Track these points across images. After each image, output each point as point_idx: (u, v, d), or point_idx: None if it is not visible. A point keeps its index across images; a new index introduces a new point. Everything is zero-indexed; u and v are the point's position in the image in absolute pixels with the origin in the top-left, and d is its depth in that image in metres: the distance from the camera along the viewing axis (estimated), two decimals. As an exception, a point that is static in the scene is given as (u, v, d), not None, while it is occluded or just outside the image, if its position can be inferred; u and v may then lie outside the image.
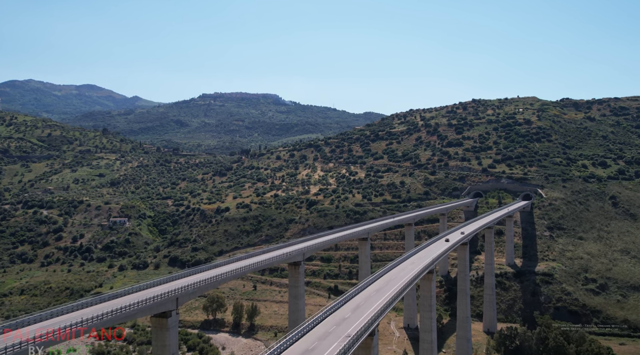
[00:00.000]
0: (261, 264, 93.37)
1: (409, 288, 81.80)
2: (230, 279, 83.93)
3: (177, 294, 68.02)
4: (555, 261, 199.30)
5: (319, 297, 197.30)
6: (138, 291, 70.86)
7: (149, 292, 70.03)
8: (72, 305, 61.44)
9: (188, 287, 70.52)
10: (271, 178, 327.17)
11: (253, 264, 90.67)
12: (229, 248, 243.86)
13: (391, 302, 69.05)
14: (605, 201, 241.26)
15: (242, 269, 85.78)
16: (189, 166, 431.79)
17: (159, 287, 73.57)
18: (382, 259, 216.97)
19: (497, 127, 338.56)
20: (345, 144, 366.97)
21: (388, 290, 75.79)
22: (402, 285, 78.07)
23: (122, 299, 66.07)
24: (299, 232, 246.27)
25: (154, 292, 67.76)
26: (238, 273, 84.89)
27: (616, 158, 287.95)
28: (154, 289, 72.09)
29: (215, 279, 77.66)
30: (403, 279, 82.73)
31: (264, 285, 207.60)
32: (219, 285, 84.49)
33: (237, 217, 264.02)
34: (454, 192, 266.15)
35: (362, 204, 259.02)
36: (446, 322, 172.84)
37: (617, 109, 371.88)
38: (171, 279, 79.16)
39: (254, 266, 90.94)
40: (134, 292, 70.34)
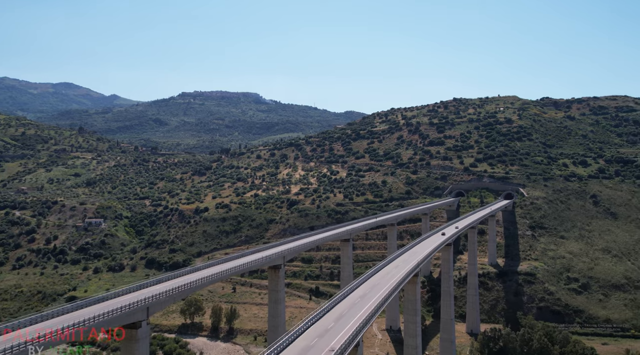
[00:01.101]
0: (239, 268, 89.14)
1: (395, 294, 78.39)
2: (205, 285, 79.70)
3: (147, 303, 63.60)
4: (537, 261, 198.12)
5: (300, 298, 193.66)
6: (105, 301, 66.17)
7: (117, 301, 65.46)
8: (30, 318, 56.70)
9: (160, 295, 66.13)
10: (251, 177, 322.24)
11: (230, 269, 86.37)
12: (208, 249, 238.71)
13: (376, 310, 65.50)
14: (586, 200, 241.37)
15: (218, 275, 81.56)
16: (168, 165, 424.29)
17: (129, 295, 69.02)
18: (364, 259, 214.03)
19: (478, 126, 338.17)
20: (326, 143, 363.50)
21: (373, 297, 72.24)
22: (387, 291, 74.56)
23: (87, 310, 61.47)
24: (280, 232, 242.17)
25: (123, 301, 63.29)
26: (214, 279, 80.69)
27: (596, 157, 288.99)
28: (123, 298, 67.54)
29: (190, 285, 73.35)
30: (388, 284, 79.28)
31: (243, 287, 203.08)
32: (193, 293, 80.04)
33: (217, 217, 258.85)
34: (436, 191, 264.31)
35: (343, 204, 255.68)
36: (429, 324, 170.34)
37: (596, 108, 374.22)
38: (143, 286, 74.62)
39: (231, 271, 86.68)
40: (101, 301, 65.66)
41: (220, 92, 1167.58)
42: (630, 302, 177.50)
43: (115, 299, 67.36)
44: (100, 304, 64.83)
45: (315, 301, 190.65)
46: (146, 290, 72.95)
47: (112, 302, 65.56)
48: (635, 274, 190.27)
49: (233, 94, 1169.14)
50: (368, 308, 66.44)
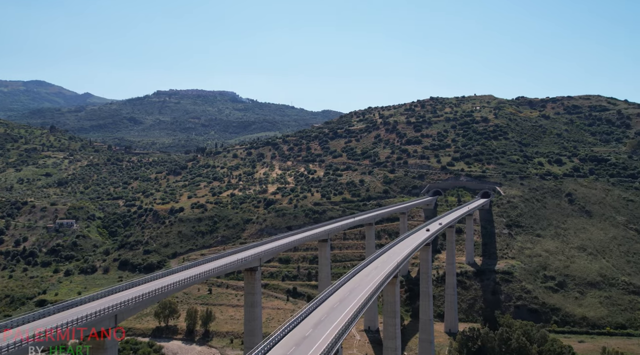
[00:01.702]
0: (213, 271, 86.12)
1: (374, 297, 76.38)
2: (177, 290, 76.70)
3: (115, 310, 60.41)
4: (514, 259, 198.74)
5: (277, 299, 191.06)
6: (71, 308, 62.69)
7: (84, 308, 62.08)
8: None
9: (129, 301, 62.95)
10: (228, 177, 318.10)
11: (203, 273, 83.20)
12: (183, 250, 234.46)
13: (355, 315, 63.29)
14: (562, 198, 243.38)
15: (190, 279, 78.46)
16: (142, 165, 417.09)
17: (97, 301, 65.67)
18: (342, 259, 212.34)
19: (455, 125, 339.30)
20: (303, 142, 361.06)
21: (352, 301, 70.07)
22: (367, 295, 72.45)
23: (50, 318, 58.04)
24: (257, 232, 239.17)
25: (90, 309, 59.97)
26: (186, 283, 77.60)
27: (571, 156, 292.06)
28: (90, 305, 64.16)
29: (161, 291, 70.26)
30: (367, 287, 77.27)
31: (219, 288, 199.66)
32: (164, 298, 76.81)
33: (192, 217, 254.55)
34: (414, 190, 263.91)
35: (321, 203, 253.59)
36: (407, 323, 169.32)
37: (571, 108, 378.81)
38: (113, 291, 71.23)
39: (205, 275, 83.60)
40: (66, 308, 62.19)
41: (196, 91, 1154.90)
42: (606, 300, 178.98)
43: (82, 306, 63.96)
44: (65, 311, 61.36)
45: (293, 302, 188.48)
46: (116, 295, 69.66)
47: (78, 309, 62.14)
48: (610, 272, 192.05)
49: (209, 93, 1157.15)
50: (347, 313, 64.22)
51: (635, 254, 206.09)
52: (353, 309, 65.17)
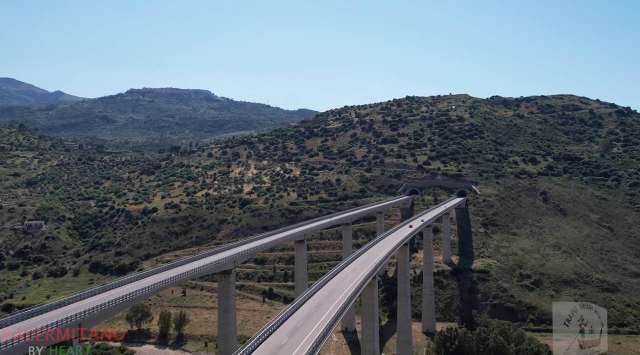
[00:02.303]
0: (183, 276, 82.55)
1: (352, 302, 74.08)
2: (145, 296, 73.34)
3: (80, 319, 56.98)
4: (490, 258, 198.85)
5: (253, 301, 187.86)
6: (33, 317, 59.02)
7: (46, 317, 58.50)
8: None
9: (94, 310, 59.54)
10: (202, 176, 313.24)
11: (172, 278, 79.50)
12: (156, 251, 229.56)
13: (333, 322, 60.86)
14: (537, 197, 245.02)
15: (160, 285, 74.89)
16: (115, 164, 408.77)
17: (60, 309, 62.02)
18: (318, 259, 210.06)
19: (431, 123, 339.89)
20: (279, 141, 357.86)
21: (329, 306, 67.67)
22: (345, 299, 70.07)
23: (8, 329, 54.30)
24: (232, 233, 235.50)
25: (52, 318, 56.46)
26: (156, 289, 74.08)
27: (545, 154, 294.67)
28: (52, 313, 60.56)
29: (128, 298, 66.64)
30: (345, 290, 75.03)
31: (194, 290, 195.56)
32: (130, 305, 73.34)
33: (166, 218, 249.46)
34: (390, 189, 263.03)
35: (297, 203, 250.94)
36: (385, 324, 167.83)
37: (544, 107, 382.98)
38: (78, 298, 67.52)
39: (175, 280, 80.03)
40: (27, 318, 58.47)
41: (170, 89, 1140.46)
42: (580, 298, 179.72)
43: (42, 315, 60.26)
44: (22, 322, 57.62)
45: (269, 303, 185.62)
46: (82, 302, 66.05)
47: (38, 318, 58.48)
48: (585, 270, 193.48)
49: (184, 91, 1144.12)
50: (324, 320, 61.74)
51: (609, 252, 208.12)
52: (330, 315, 62.74)
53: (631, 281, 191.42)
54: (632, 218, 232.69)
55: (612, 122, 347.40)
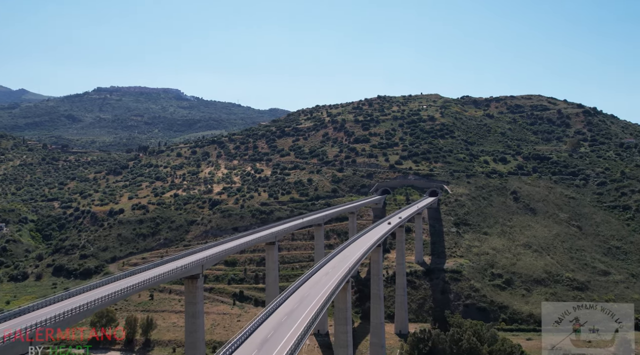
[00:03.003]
0: (148, 282, 78.28)
1: (326, 308, 71.15)
2: (102, 306, 68.95)
3: (30, 332, 52.72)
4: (462, 258, 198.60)
5: (223, 304, 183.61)
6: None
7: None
8: None
9: (46, 322, 55.28)
10: (171, 176, 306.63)
11: (136, 285, 75.05)
12: (123, 254, 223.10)
13: (306, 331, 57.73)
14: (507, 196, 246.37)
15: (121, 293, 70.58)
16: (80, 164, 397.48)
17: (10, 321, 57.50)
18: (290, 261, 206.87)
19: (402, 123, 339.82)
20: (250, 141, 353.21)
21: (301, 314, 64.61)
22: (318, 306, 67.00)
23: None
24: (202, 234, 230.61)
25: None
26: (115, 298, 69.76)
27: (515, 154, 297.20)
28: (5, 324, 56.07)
29: (87, 306, 62.55)
30: (318, 296, 72.11)
31: (162, 293, 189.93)
32: (89, 315, 68.93)
33: (133, 219, 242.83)
34: (362, 189, 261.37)
35: (268, 203, 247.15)
36: (357, 326, 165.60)
37: (513, 107, 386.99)
38: (26, 310, 62.78)
39: (139, 287, 75.69)
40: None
41: (139, 88, 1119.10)
42: (551, 296, 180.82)
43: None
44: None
45: (240, 306, 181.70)
46: (29, 315, 61.31)
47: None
48: (555, 268, 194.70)
49: (153, 90, 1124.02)
50: (296, 329, 58.58)
51: (578, 251, 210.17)
52: (302, 324, 59.61)
53: (600, 279, 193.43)
54: (599, 217, 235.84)
55: (579, 122, 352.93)
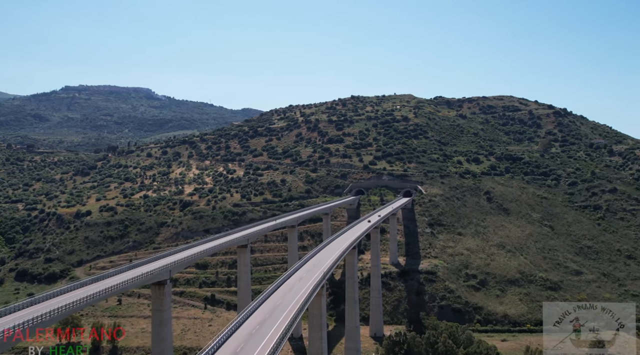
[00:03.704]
0: (111, 290, 73.26)
1: (300, 316, 67.84)
2: (62, 316, 64.44)
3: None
4: (437, 258, 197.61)
5: (194, 308, 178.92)
6: None
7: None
8: None
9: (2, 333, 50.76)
10: (141, 177, 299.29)
11: (98, 294, 70.21)
12: (90, 257, 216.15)
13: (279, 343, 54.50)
14: (481, 196, 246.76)
15: (80, 302, 66.07)
16: (47, 165, 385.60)
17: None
18: (263, 263, 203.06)
19: (376, 123, 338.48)
20: (222, 141, 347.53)
21: (274, 324, 61.21)
22: (291, 316, 63.69)
23: None
24: (172, 236, 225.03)
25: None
26: (73, 308, 65.23)
27: (488, 154, 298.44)
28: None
29: (43, 318, 58.04)
30: (292, 303, 68.76)
31: (130, 298, 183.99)
32: (45, 327, 64.29)
33: (100, 221, 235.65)
34: (336, 189, 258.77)
35: (241, 204, 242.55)
36: (332, 329, 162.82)
37: (486, 108, 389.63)
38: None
39: (100, 295, 71.02)
40: None
41: (108, 87, 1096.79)
42: (525, 297, 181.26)
43: None
44: None
45: (211, 310, 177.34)
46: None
47: None
48: (528, 269, 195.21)
49: (123, 89, 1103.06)
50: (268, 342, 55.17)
51: (550, 251, 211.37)
52: (275, 336, 56.21)
53: (572, 279, 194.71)
54: (571, 216, 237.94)
55: (550, 123, 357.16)
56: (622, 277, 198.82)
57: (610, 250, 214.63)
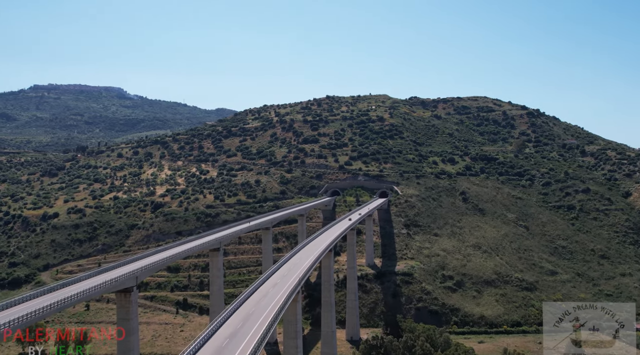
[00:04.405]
0: (67, 301, 67.62)
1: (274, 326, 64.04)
2: (19, 327, 59.65)
3: None
4: (413, 259, 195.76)
5: (166, 313, 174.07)
6: None
7: None
8: None
9: None
10: (111, 178, 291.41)
11: (52, 305, 64.56)
12: (57, 261, 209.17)
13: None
14: (456, 197, 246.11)
15: (32, 315, 60.93)
16: (13, 165, 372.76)
17: None
18: (237, 266, 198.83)
19: (352, 123, 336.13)
20: (195, 141, 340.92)
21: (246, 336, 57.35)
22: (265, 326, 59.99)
23: None
24: (143, 239, 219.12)
25: None
26: (33, 319, 60.52)
27: (463, 155, 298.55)
28: None
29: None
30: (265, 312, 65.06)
31: (99, 303, 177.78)
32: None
33: (68, 224, 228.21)
34: (312, 190, 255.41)
35: (214, 206, 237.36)
36: (307, 333, 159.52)
37: (460, 108, 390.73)
38: None
39: (55, 307, 65.47)
40: None
41: (79, 86, 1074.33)
42: (501, 297, 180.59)
43: None
44: None
45: (183, 315, 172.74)
46: None
47: None
48: (504, 269, 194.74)
49: (94, 88, 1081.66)
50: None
51: (526, 251, 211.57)
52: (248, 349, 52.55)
53: (547, 279, 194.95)
54: (545, 217, 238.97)
55: (523, 124, 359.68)
56: (596, 277, 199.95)
57: (584, 250, 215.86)
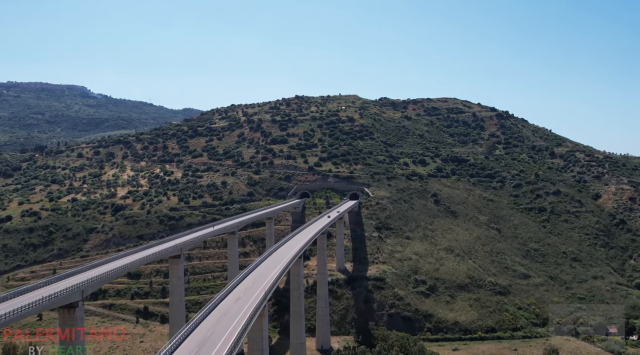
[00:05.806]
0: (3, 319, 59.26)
1: (239, 346, 56.22)
2: None
3: None
4: (385, 263, 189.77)
5: (125, 322, 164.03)
6: None
7: None
8: None
9: None
10: (70, 179, 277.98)
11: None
12: (8, 267, 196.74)
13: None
14: (428, 199, 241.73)
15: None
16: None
17: None
18: (201, 271, 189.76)
19: (321, 124, 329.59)
20: (160, 141, 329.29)
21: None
22: (228, 347, 52.23)
23: None
24: (102, 243, 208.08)
25: None
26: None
27: (434, 156, 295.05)
28: None
29: None
30: (227, 332, 57.26)
31: (53, 312, 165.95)
32: None
33: (22, 227, 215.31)
34: (280, 192, 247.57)
35: (178, 208, 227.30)
36: (275, 342, 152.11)
37: (430, 109, 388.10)
38: None
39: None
40: None
41: (40, 84, 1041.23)
42: (475, 302, 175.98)
43: None
44: None
45: (144, 324, 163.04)
46: None
47: None
48: (477, 273, 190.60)
49: (56, 86, 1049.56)
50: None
51: (498, 254, 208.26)
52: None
53: (521, 283, 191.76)
54: (517, 219, 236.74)
55: (493, 125, 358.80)
56: (569, 280, 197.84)
57: (556, 253, 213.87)
